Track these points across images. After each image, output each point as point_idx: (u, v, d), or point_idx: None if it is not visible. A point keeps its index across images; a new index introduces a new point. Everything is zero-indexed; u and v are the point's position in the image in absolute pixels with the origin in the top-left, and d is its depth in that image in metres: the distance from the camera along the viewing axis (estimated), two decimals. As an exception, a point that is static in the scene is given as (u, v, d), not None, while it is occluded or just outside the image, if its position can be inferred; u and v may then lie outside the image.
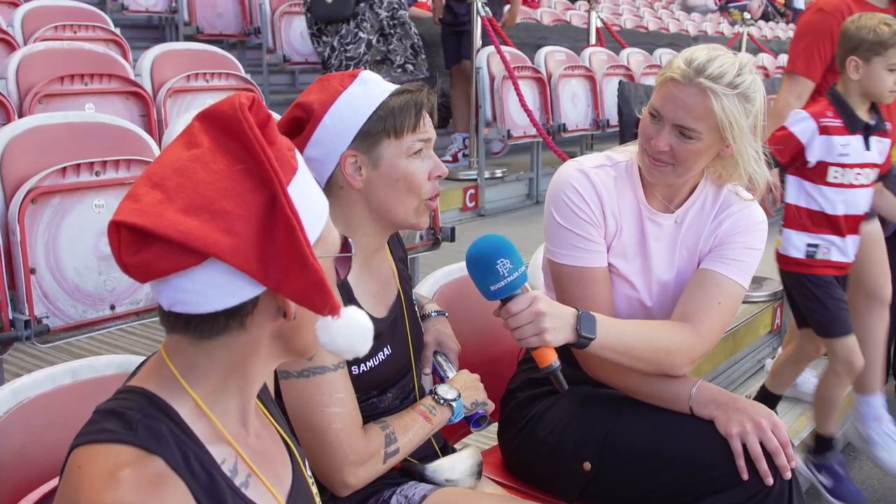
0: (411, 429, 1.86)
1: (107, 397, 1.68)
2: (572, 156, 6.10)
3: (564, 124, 6.49)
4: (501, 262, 1.83)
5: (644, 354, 2.00)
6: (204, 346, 1.12)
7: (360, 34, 4.93)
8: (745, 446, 1.95)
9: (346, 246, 1.21)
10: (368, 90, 1.77)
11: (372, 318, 1.19)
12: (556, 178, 2.17)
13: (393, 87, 1.80)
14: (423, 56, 5.51)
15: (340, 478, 1.74)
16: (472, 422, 2.03)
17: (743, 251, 2.13)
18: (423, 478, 1.89)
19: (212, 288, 1.06)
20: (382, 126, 1.75)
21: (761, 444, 1.94)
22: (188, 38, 6.58)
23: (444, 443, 2.07)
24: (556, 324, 1.87)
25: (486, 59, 6.19)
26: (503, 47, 6.12)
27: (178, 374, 1.13)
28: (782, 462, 1.94)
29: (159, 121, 3.72)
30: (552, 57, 6.78)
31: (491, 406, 2.05)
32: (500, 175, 6.48)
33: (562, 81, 6.49)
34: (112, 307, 2.61)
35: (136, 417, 1.08)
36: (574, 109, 6.63)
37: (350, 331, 1.12)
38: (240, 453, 1.16)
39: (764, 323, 4.60)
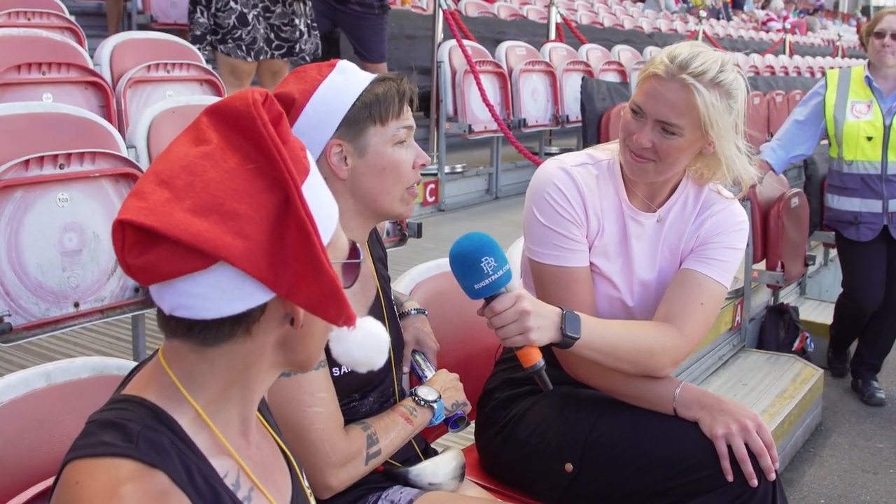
0: (393, 430, 1.83)
1: (82, 401, 1.63)
2: (532, 151, 6.15)
3: (525, 119, 6.47)
4: (486, 260, 1.80)
5: (628, 355, 1.98)
6: (206, 353, 1.06)
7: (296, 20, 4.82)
8: (729, 448, 1.94)
9: (354, 252, 1.16)
10: (348, 78, 1.74)
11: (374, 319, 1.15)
12: (537, 176, 2.13)
13: (371, 75, 1.77)
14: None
15: (322, 479, 1.70)
16: (451, 423, 2.00)
17: (725, 251, 2.12)
18: (406, 481, 1.86)
19: (218, 293, 1.00)
20: (368, 113, 1.72)
21: (746, 445, 1.94)
22: (142, 27, 6.45)
23: (425, 445, 2.04)
24: (540, 323, 1.84)
25: (448, 52, 6.15)
26: (464, 41, 6.08)
27: (179, 382, 1.07)
28: (767, 464, 1.94)
29: (119, 111, 3.62)
30: (513, 52, 6.76)
31: (469, 407, 2.02)
32: (459, 170, 6.45)
33: (522, 76, 6.48)
34: (76, 305, 2.52)
35: (136, 429, 1.02)
36: (534, 105, 6.62)
37: (367, 343, 1.07)
38: (242, 466, 1.11)
39: (725, 320, 4.63)
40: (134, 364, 1.70)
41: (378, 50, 5.51)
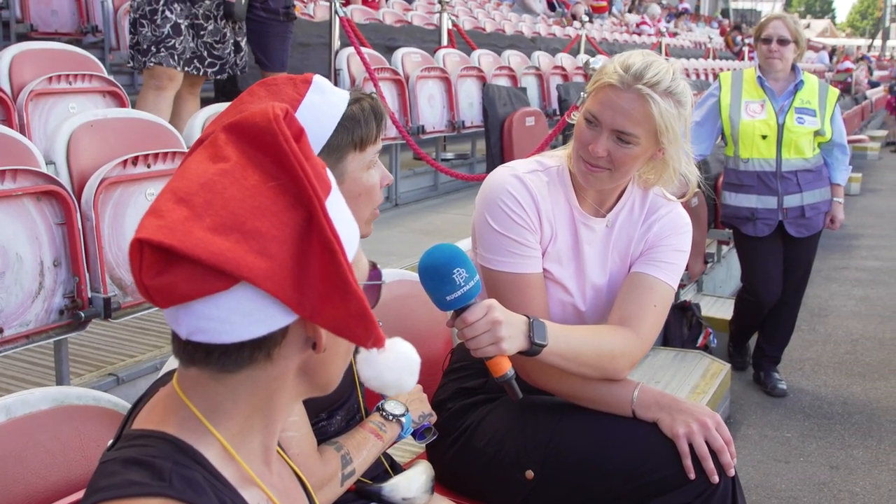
0: (364, 448, 1.80)
1: (45, 433, 1.55)
2: (431, 157, 6.15)
3: (423, 126, 6.47)
4: (457, 271, 1.79)
5: (590, 360, 2.00)
6: (226, 380, 1.01)
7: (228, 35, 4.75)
8: (691, 447, 1.98)
9: (374, 272, 1.13)
10: (326, 99, 1.64)
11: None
12: (490, 184, 2.13)
13: (346, 93, 1.70)
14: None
15: None
16: (418, 435, 1.98)
17: (672, 253, 2.17)
18: (380, 498, 1.83)
19: (239, 315, 0.95)
20: (349, 138, 1.65)
21: (707, 443, 1.98)
22: (21, 37, 6.17)
23: (391, 460, 2.00)
24: (511, 332, 1.85)
25: (346, 60, 6.10)
26: (361, 48, 6.04)
27: (201, 414, 1.02)
28: (727, 460, 1.98)
29: (21, 125, 3.45)
30: (409, 58, 6.76)
31: (435, 417, 2.00)
32: (359, 178, 6.38)
33: (419, 83, 6.48)
34: (0, 330, 2.39)
35: (167, 467, 0.96)
36: (431, 111, 6.63)
37: (398, 365, 1.03)
38: (269, 495, 1.07)
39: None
40: (97, 392, 1.64)
41: (280, 59, 5.41)
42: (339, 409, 1.83)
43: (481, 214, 2.12)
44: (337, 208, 1.03)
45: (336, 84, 6.01)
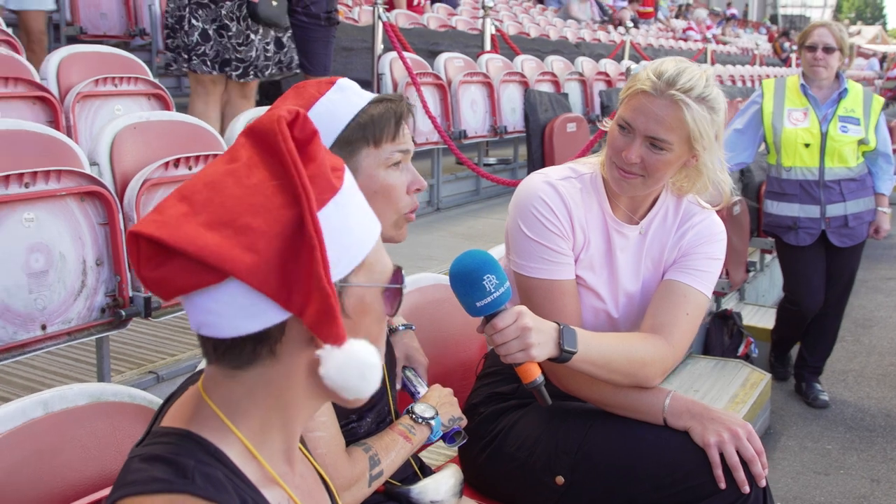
0: (393, 450, 1.81)
1: (81, 429, 1.59)
2: (473, 161, 6.16)
3: (465, 131, 6.49)
4: (488, 278, 1.80)
5: (621, 367, 2.00)
6: (239, 378, 1.04)
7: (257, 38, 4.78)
8: (721, 456, 1.97)
9: (397, 276, 1.13)
10: (346, 97, 1.70)
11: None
12: (522, 190, 2.14)
13: (370, 95, 1.74)
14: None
15: None
16: (448, 438, 1.99)
17: (706, 261, 2.16)
18: (408, 500, 1.84)
19: (233, 309, 0.98)
20: (362, 133, 1.68)
21: (738, 452, 1.97)
22: (71, 40, 6.29)
23: (421, 462, 2.02)
24: (540, 339, 1.85)
25: (389, 65, 6.14)
26: (404, 53, 6.08)
27: (221, 412, 1.05)
28: (758, 470, 1.97)
29: (68, 127, 3.52)
30: (451, 63, 6.78)
31: (465, 421, 2.01)
32: (401, 182, 6.42)
33: (461, 88, 6.50)
34: (43, 327, 2.44)
35: (190, 464, 0.99)
36: (473, 116, 6.64)
37: (347, 365, 1.00)
38: (291, 495, 1.09)
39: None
40: (133, 390, 1.68)
41: (322, 63, 5.47)
42: (370, 412, 1.85)
43: (514, 221, 2.13)
44: (347, 208, 1.05)
45: (378, 89, 6.08)
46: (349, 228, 1.04)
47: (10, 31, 4.42)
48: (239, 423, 1.05)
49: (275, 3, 4.51)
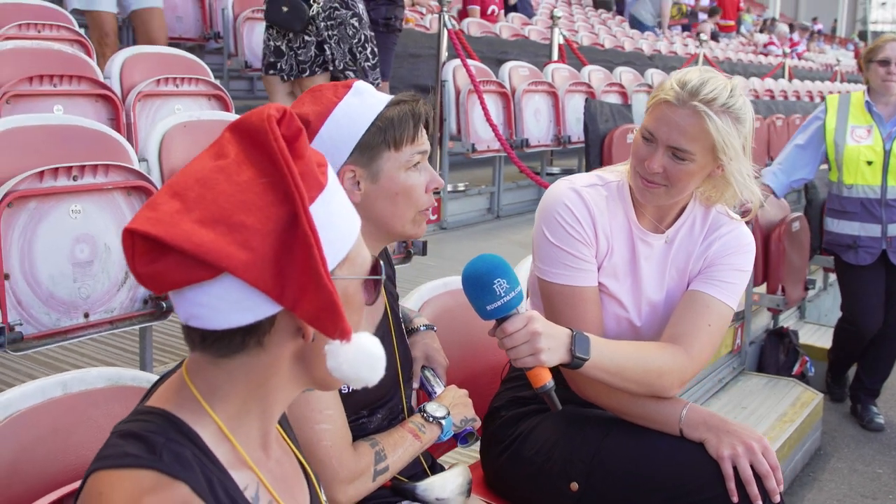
0: (401, 446, 1.84)
1: (98, 410, 1.65)
2: (534, 171, 6.18)
3: (527, 139, 6.51)
4: (498, 282, 1.82)
5: (636, 375, 2.00)
6: (224, 365, 1.08)
7: (307, 38, 4.91)
8: (735, 469, 1.96)
9: (375, 268, 1.18)
10: (364, 101, 1.74)
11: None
12: (547, 196, 2.16)
13: (387, 97, 1.78)
14: (368, 60, 5.27)
15: (330, 495, 1.71)
16: (460, 438, 2.02)
17: (732, 273, 2.15)
18: (414, 496, 1.87)
19: (226, 303, 1.02)
20: (382, 138, 1.72)
21: (752, 467, 1.95)
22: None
23: (432, 461, 2.05)
24: (551, 344, 1.87)
25: (452, 72, 6.19)
26: (468, 61, 6.11)
27: (200, 395, 1.09)
28: (772, 486, 1.96)
29: (128, 125, 3.64)
30: (516, 72, 6.80)
31: (478, 422, 2.04)
32: (462, 189, 6.48)
33: (525, 96, 6.52)
34: (86, 315, 2.54)
35: (159, 441, 1.04)
36: (536, 125, 6.65)
37: (357, 358, 1.07)
38: (261, 479, 1.13)
39: (725, 343, 4.65)
40: (151, 375, 1.74)
41: (381, 69, 5.56)
42: (381, 408, 1.89)
43: (538, 226, 2.15)
44: (332, 205, 1.08)
45: (441, 95, 6.13)
46: (335, 224, 1.08)
47: (81, 31, 4.59)
48: (216, 406, 1.10)
49: (285, 9, 4.63)
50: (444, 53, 6.25)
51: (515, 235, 6.03)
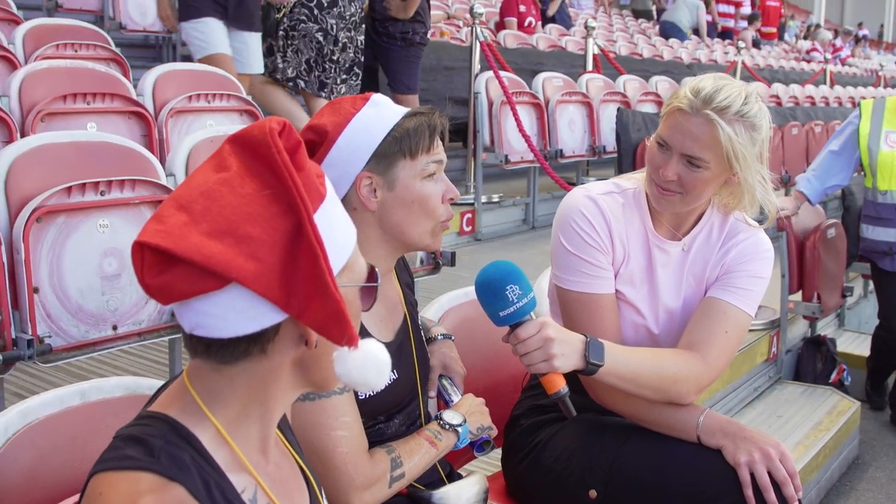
0: (417, 454, 1.85)
1: (115, 419, 1.68)
2: (569, 181, 6.17)
3: (561, 150, 6.51)
4: (510, 288, 1.84)
5: (651, 382, 2.00)
6: (225, 371, 1.11)
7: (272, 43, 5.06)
8: (752, 476, 1.95)
9: (372, 276, 1.20)
10: (380, 112, 1.79)
11: (378, 341, 1.18)
12: (564, 204, 2.17)
13: (404, 109, 1.81)
14: (327, 74, 5.19)
15: (345, 502, 1.73)
16: (476, 446, 2.02)
17: (750, 280, 2.14)
18: (430, 504, 1.88)
19: (233, 312, 1.05)
20: (398, 147, 1.76)
21: (769, 473, 1.94)
22: (185, 59, 6.58)
23: (450, 469, 2.06)
24: (564, 350, 1.87)
25: (485, 83, 6.21)
26: (501, 72, 6.14)
27: (200, 400, 1.12)
28: (790, 492, 1.94)
29: (161, 141, 3.71)
30: (550, 83, 6.81)
31: (495, 431, 2.04)
32: (496, 200, 6.49)
33: (559, 107, 6.52)
34: (114, 327, 2.59)
35: (158, 444, 1.07)
36: (571, 135, 6.65)
37: (365, 364, 1.11)
38: (259, 482, 1.16)
39: (761, 351, 4.61)
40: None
41: (404, 82, 5.63)
42: (398, 414, 1.91)
43: (555, 234, 2.16)
44: (331, 215, 1.11)
45: (473, 107, 6.16)
46: (335, 233, 1.11)
47: (118, 50, 4.68)
48: (216, 410, 1.13)
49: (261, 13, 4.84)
50: (477, 65, 6.28)
51: (550, 246, 6.01)
